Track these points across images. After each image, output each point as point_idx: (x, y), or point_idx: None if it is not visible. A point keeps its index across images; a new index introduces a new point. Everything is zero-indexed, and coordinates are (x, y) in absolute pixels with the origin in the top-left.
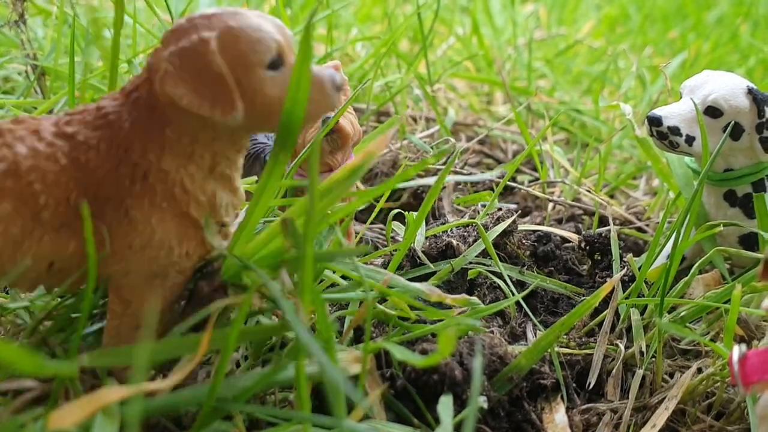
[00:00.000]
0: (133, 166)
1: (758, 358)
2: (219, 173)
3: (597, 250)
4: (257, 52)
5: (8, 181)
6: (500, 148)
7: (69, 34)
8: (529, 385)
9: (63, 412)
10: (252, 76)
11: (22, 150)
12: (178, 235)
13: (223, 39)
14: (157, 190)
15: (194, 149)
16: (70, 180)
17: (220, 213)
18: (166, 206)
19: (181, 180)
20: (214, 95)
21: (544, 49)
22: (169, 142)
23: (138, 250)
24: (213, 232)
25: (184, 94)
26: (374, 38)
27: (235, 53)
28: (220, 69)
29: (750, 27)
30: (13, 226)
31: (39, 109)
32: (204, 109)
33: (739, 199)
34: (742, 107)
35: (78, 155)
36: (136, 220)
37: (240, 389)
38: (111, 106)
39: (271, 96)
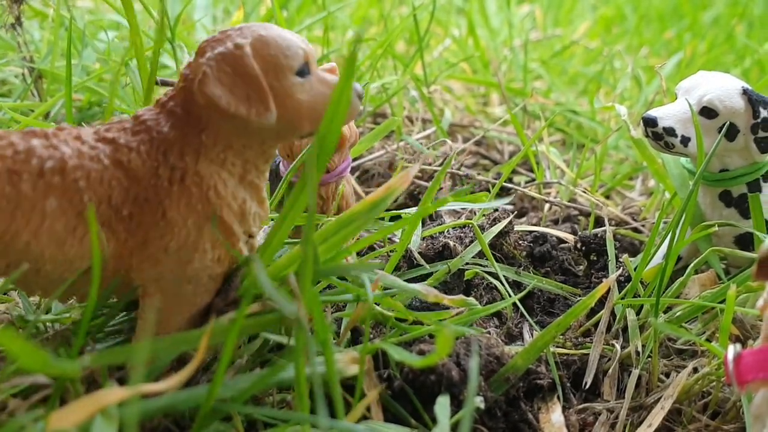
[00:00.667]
0: (171, 169)
1: (753, 358)
2: (249, 182)
3: (593, 251)
4: (287, 57)
5: (55, 177)
6: (496, 149)
7: (65, 37)
8: (525, 385)
9: (63, 413)
10: (283, 80)
11: (67, 150)
12: (212, 239)
13: (256, 45)
14: (193, 192)
15: (227, 156)
16: (112, 179)
17: (249, 222)
18: (201, 209)
19: (215, 185)
20: (250, 96)
21: (540, 50)
22: (204, 148)
23: (173, 253)
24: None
25: (222, 95)
26: (371, 40)
27: (267, 58)
28: (254, 71)
29: (745, 28)
30: (58, 223)
31: (36, 112)
32: (240, 109)
33: (735, 199)
34: (737, 108)
35: (120, 157)
36: (172, 221)
37: (239, 390)
38: (148, 115)
39: (300, 100)
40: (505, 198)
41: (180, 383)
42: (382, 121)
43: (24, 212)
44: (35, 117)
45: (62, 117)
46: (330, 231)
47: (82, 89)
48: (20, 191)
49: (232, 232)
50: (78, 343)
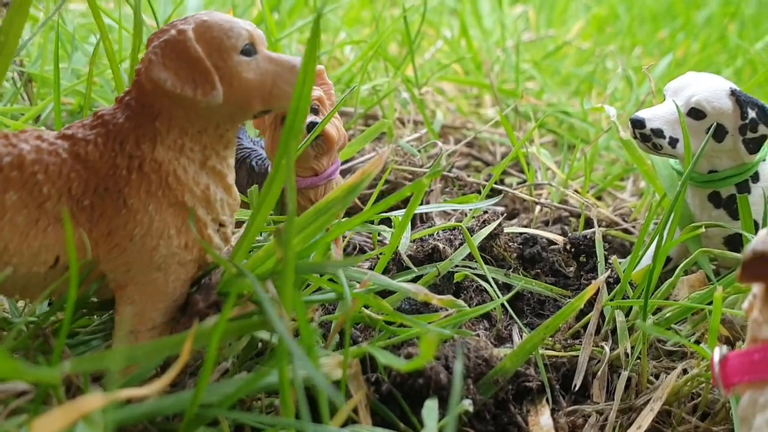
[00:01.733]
0: (129, 158)
1: (738, 360)
2: (210, 168)
3: (582, 252)
4: (230, 38)
5: (14, 172)
6: (488, 150)
7: (55, 40)
8: (514, 387)
9: (45, 421)
10: (228, 59)
11: (25, 147)
12: (176, 225)
13: (198, 29)
14: (152, 179)
15: (184, 142)
16: (71, 171)
17: (216, 208)
18: (162, 195)
19: (174, 170)
20: (195, 77)
21: (532, 51)
22: (159, 135)
23: (138, 240)
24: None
25: (168, 77)
26: (362, 41)
27: (210, 40)
28: (197, 53)
29: (738, 27)
30: (19, 215)
31: (26, 116)
32: (186, 90)
33: (724, 200)
34: (725, 109)
35: (77, 149)
36: (134, 208)
37: (224, 395)
38: (106, 110)
39: (247, 79)
40: (494, 198)
41: (162, 388)
42: (373, 123)
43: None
44: (25, 121)
45: (52, 121)
46: (308, 219)
47: (72, 93)
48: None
49: (198, 218)
50: (59, 344)
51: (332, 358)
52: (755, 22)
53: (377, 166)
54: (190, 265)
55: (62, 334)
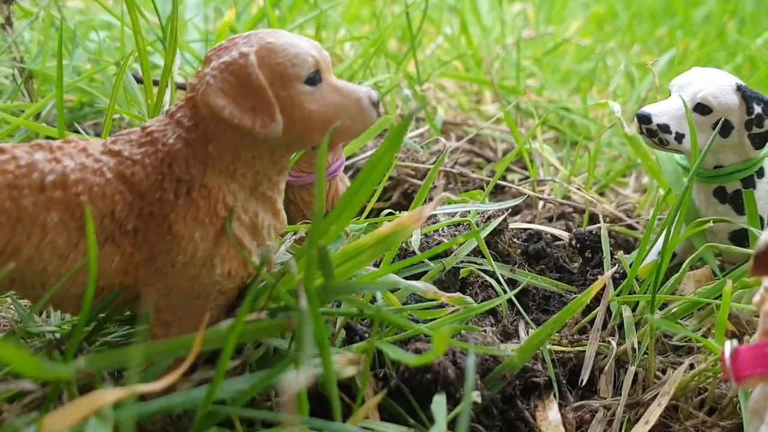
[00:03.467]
0: (177, 182)
1: (750, 353)
2: (261, 194)
3: (588, 248)
4: (295, 66)
5: (57, 192)
6: (490, 147)
7: (56, 37)
8: (521, 383)
9: (57, 416)
10: (290, 89)
11: (70, 164)
12: (221, 254)
13: (262, 53)
14: (200, 206)
15: (236, 167)
16: (115, 193)
17: (262, 234)
18: (209, 222)
19: (224, 197)
20: (254, 107)
21: (532, 47)
22: (211, 159)
23: (180, 268)
24: (256, 254)
25: (226, 105)
26: (363, 38)
27: (273, 67)
28: (259, 81)
29: (737, 24)
30: (59, 237)
31: (26, 113)
32: (245, 120)
33: (729, 195)
34: (731, 104)
35: (123, 170)
36: (179, 235)
37: (237, 392)
38: (155, 125)
39: (310, 110)
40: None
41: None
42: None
43: (25, 227)
44: (26, 117)
45: (53, 118)
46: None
47: (73, 90)
48: (21, 206)
49: (244, 246)
50: (73, 346)
51: (342, 355)
52: (754, 18)
53: (416, 222)
54: (231, 293)
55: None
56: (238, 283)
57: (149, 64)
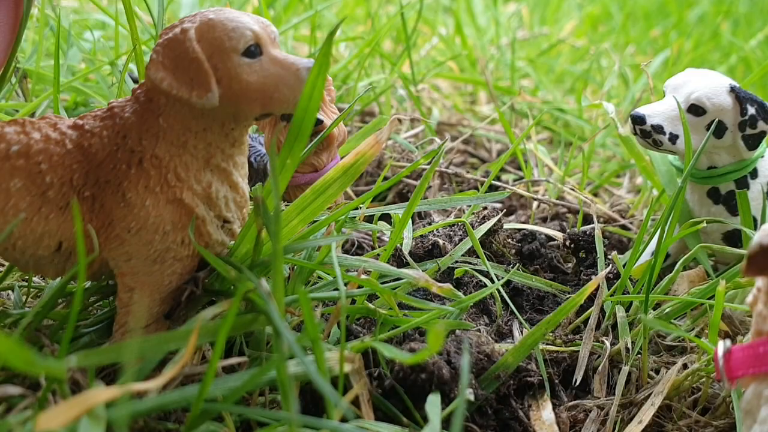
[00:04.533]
0: (130, 152)
1: (743, 353)
2: (215, 165)
3: (582, 248)
4: (232, 39)
5: (20, 160)
6: (484, 147)
7: (51, 37)
8: (516, 382)
9: (51, 414)
10: (227, 61)
11: (36, 136)
12: (173, 221)
13: (201, 28)
14: (151, 175)
15: (187, 139)
16: (73, 162)
17: (219, 205)
18: (160, 191)
19: (175, 167)
20: (192, 78)
21: (527, 48)
22: (162, 131)
23: (135, 233)
24: (215, 225)
25: (164, 77)
26: (358, 39)
27: (211, 40)
28: (196, 54)
29: (731, 25)
30: (22, 201)
31: (21, 112)
32: (182, 90)
33: (723, 196)
34: (724, 105)
35: (82, 141)
36: (132, 202)
37: (229, 389)
38: (118, 102)
39: (248, 81)
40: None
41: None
42: (370, 119)
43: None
44: (20, 117)
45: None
46: (306, 200)
47: (68, 89)
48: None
49: (194, 213)
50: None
51: (335, 352)
52: (748, 20)
53: (373, 148)
54: (187, 260)
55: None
56: (193, 251)
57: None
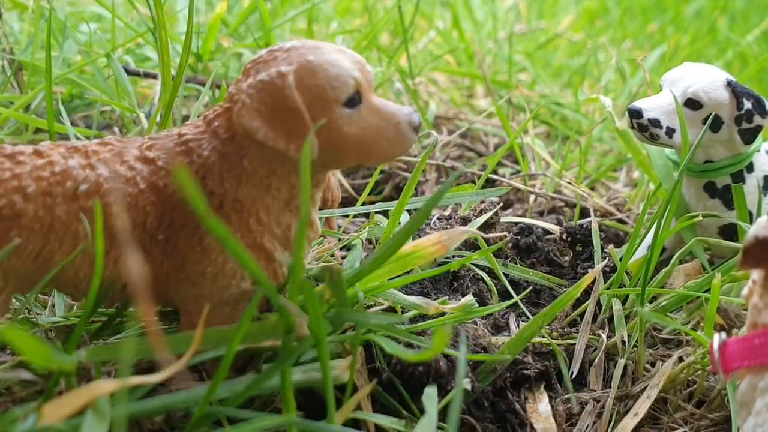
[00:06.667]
0: (210, 194)
1: (738, 345)
2: (296, 206)
3: (578, 242)
4: (334, 89)
5: (90, 201)
6: (481, 141)
7: (46, 29)
8: (512, 375)
9: (56, 405)
10: (328, 112)
11: (104, 172)
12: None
13: (301, 73)
14: (232, 220)
15: (271, 182)
16: (147, 204)
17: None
18: (240, 236)
19: (257, 211)
20: (290, 130)
21: (524, 42)
22: (246, 173)
23: (210, 278)
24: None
25: (260, 128)
26: (355, 31)
27: (311, 88)
28: (296, 104)
29: (727, 20)
30: (92, 245)
31: (16, 104)
32: (279, 143)
33: (719, 190)
34: (721, 99)
35: (156, 180)
36: (209, 248)
37: (234, 392)
38: (192, 133)
39: (347, 133)
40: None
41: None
42: None
43: (57, 235)
44: (15, 109)
45: (43, 109)
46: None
47: (63, 81)
48: (54, 214)
49: (273, 259)
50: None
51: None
52: (745, 15)
53: (435, 248)
54: (260, 301)
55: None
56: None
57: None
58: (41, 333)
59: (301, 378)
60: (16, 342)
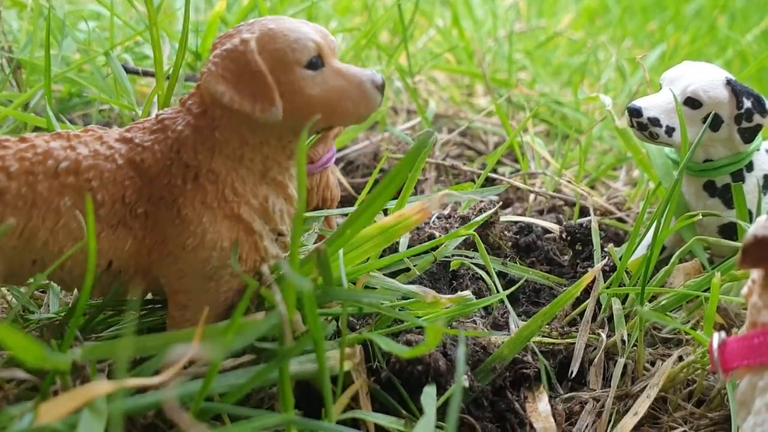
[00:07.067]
0: (185, 167)
1: (738, 344)
2: (271, 178)
3: (578, 241)
4: (295, 51)
5: (70, 178)
6: (481, 140)
7: (45, 27)
8: (512, 374)
9: (52, 405)
10: (290, 74)
11: (84, 151)
12: (230, 237)
13: (262, 39)
14: (208, 190)
15: (244, 152)
16: (125, 179)
17: (274, 219)
18: (217, 206)
19: (232, 182)
20: (254, 92)
21: (524, 41)
22: (219, 144)
23: (191, 251)
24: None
25: (225, 91)
26: (354, 30)
27: (273, 52)
28: (258, 67)
29: (727, 19)
30: (73, 221)
31: (15, 103)
32: (244, 105)
33: (719, 189)
34: (721, 98)
35: (134, 156)
36: (188, 219)
37: (231, 387)
38: (168, 113)
39: (311, 95)
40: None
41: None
42: None
43: (40, 211)
44: (14, 108)
45: (42, 108)
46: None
47: (62, 80)
48: (36, 191)
49: (252, 230)
50: (70, 334)
51: (336, 351)
52: (745, 14)
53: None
54: (243, 276)
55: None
56: (250, 266)
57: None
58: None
59: (297, 370)
60: (8, 342)
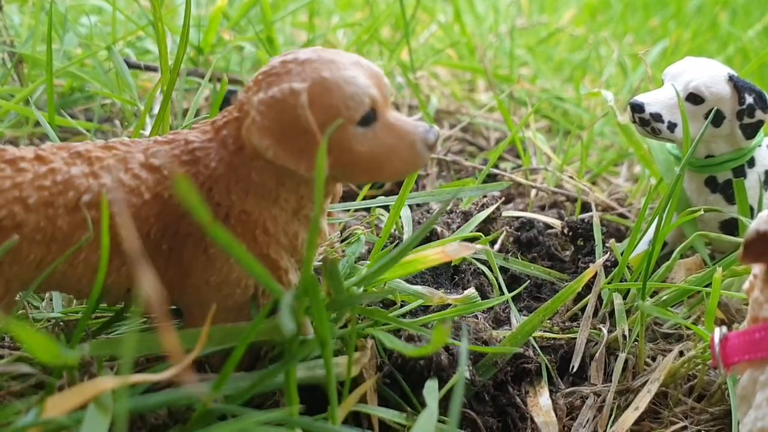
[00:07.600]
0: (216, 205)
1: (739, 339)
2: (304, 216)
3: (580, 236)
4: (349, 108)
5: (92, 211)
6: (483, 135)
7: (46, 21)
8: (513, 369)
9: (59, 399)
10: (341, 131)
11: (107, 181)
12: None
13: (314, 90)
14: (238, 231)
15: (279, 193)
16: (151, 215)
17: (301, 253)
18: (246, 247)
19: (264, 222)
20: (301, 149)
21: (525, 36)
22: (254, 186)
23: (215, 286)
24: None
25: (270, 147)
26: (356, 25)
27: (325, 107)
28: (308, 124)
29: (729, 15)
30: (94, 255)
31: (17, 97)
32: (289, 162)
33: (720, 185)
34: (723, 94)
35: (161, 191)
36: (214, 257)
37: (238, 389)
38: (199, 140)
39: (359, 152)
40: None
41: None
42: None
43: (59, 245)
44: (16, 102)
45: (44, 102)
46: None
47: (63, 74)
48: (56, 225)
49: (279, 267)
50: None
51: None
52: (746, 10)
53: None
54: (265, 307)
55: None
56: (271, 299)
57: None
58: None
59: (305, 375)
60: (23, 338)
